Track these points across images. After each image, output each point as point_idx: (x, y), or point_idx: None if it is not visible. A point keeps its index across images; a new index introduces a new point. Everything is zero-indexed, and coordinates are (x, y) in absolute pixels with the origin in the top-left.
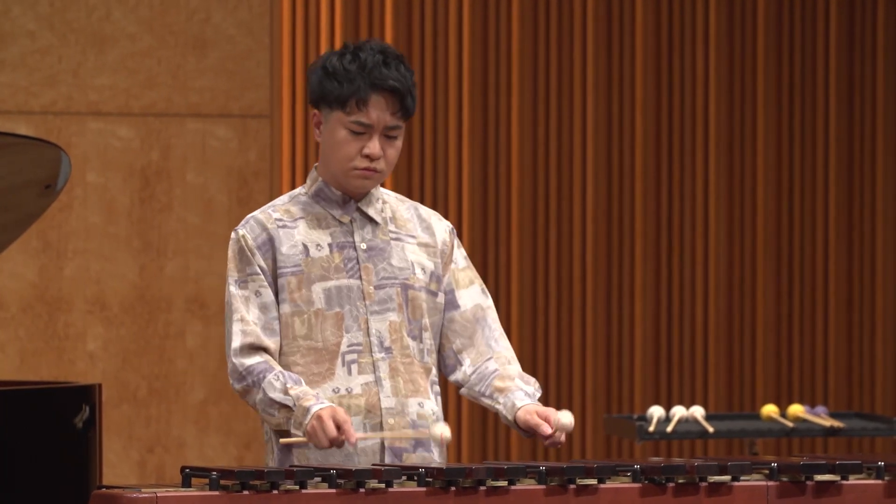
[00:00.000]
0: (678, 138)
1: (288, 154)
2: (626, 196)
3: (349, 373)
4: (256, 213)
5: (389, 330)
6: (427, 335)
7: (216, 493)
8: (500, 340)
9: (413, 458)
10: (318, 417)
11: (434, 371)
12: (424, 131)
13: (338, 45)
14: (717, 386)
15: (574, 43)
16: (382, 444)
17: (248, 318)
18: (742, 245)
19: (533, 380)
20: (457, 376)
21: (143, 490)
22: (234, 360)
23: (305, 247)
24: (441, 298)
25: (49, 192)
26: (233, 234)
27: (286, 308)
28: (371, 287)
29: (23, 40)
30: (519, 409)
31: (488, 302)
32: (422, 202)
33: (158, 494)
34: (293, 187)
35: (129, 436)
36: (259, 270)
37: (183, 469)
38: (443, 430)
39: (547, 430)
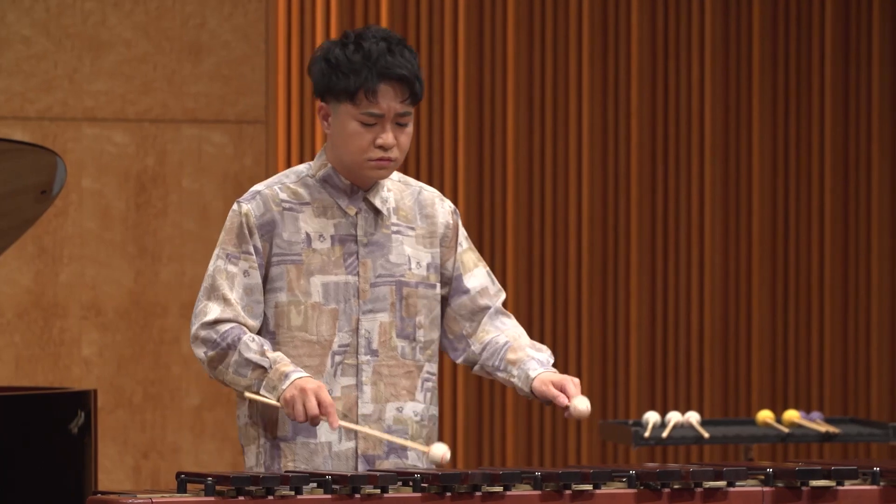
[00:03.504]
0: (673, 144)
1: (283, 159)
2: (622, 202)
3: (335, 374)
4: (262, 187)
5: (379, 331)
6: (421, 332)
7: (211, 498)
8: (506, 320)
9: (386, 465)
10: (302, 389)
11: (429, 366)
12: (420, 135)
13: None
14: (712, 391)
15: (570, 48)
16: (356, 451)
17: (230, 298)
18: (737, 251)
19: (545, 347)
20: (467, 356)
21: (138, 496)
22: (205, 330)
23: (308, 236)
24: (439, 290)
25: (45, 197)
26: (235, 207)
27: (283, 297)
28: (367, 284)
29: (18, 46)
30: (534, 379)
31: (495, 287)
32: None
33: (154, 500)
34: None
35: (124, 441)
36: (253, 251)
37: (178, 475)
38: (444, 453)
39: (564, 401)
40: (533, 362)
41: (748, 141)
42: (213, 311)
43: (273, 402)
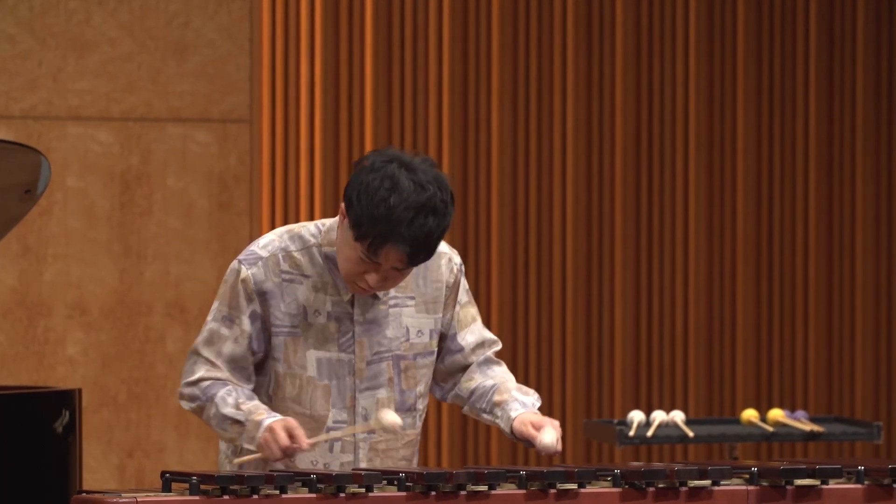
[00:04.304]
0: (658, 143)
1: (268, 158)
2: (606, 200)
3: (331, 449)
4: (265, 253)
5: (376, 407)
6: (421, 401)
7: (196, 497)
8: (496, 368)
9: None
10: (270, 429)
11: (419, 424)
12: (403, 135)
13: (317, 50)
14: (697, 390)
15: (554, 47)
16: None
17: (216, 362)
18: (722, 250)
19: (532, 391)
20: (453, 397)
21: (123, 495)
22: (188, 388)
23: (305, 310)
24: (435, 353)
25: (29, 196)
26: (236, 267)
27: (280, 368)
28: (363, 363)
29: (2, 45)
30: (514, 419)
31: (490, 339)
32: None
33: (138, 499)
34: (273, 192)
35: (108, 440)
36: (249, 318)
37: (163, 474)
38: (393, 419)
39: (541, 442)
40: (516, 403)
41: (732, 140)
42: (199, 370)
43: (258, 454)
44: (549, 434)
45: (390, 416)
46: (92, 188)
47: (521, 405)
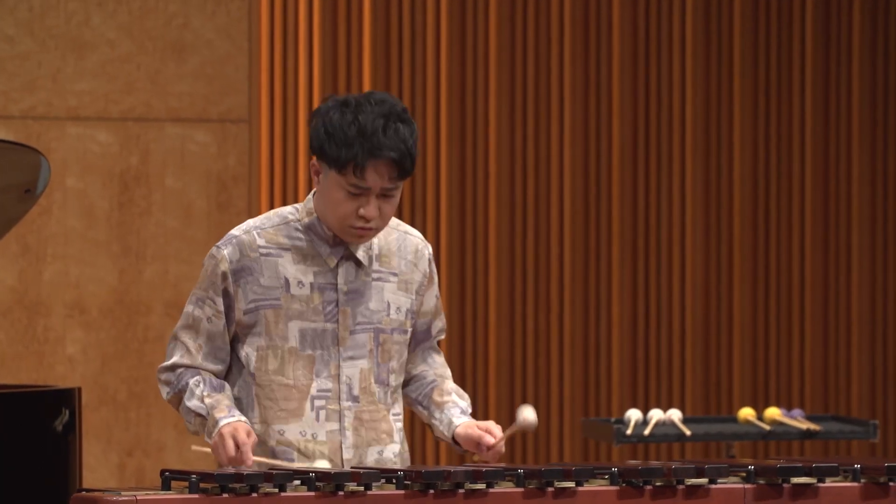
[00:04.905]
0: (655, 143)
1: (266, 158)
2: (604, 200)
3: (317, 418)
4: (240, 232)
5: (360, 378)
6: (392, 377)
7: (195, 496)
8: (437, 357)
9: None
10: (220, 435)
11: (396, 408)
12: None
13: (316, 50)
14: (693, 389)
15: (552, 48)
16: None
17: (190, 345)
18: (719, 250)
19: (466, 395)
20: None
21: (122, 493)
22: (164, 373)
23: (287, 282)
24: (409, 333)
25: (29, 196)
26: (213, 250)
27: (262, 341)
28: (346, 332)
29: (2, 45)
30: (457, 426)
31: (440, 324)
32: (399, 208)
33: (138, 497)
34: (272, 192)
35: (108, 439)
36: (222, 296)
37: (162, 472)
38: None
39: (490, 440)
40: (456, 409)
41: (729, 140)
42: (175, 355)
43: (209, 450)
44: (529, 411)
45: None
46: (91, 188)
47: (461, 412)
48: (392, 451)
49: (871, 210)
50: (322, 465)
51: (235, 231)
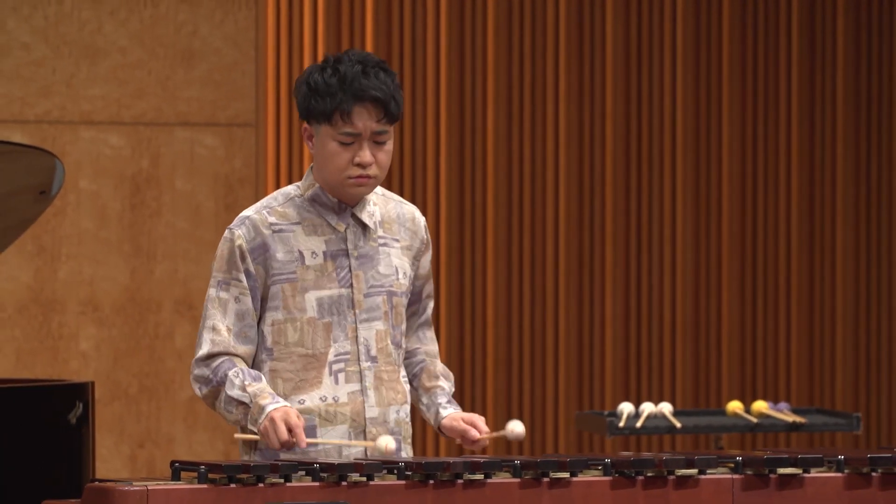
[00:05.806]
0: (647, 146)
1: (273, 161)
2: (597, 201)
3: (336, 381)
4: (251, 212)
5: (376, 339)
6: (403, 340)
7: (204, 486)
8: (428, 333)
9: None
10: (271, 419)
11: (402, 370)
12: (403, 139)
13: (321, 57)
14: (684, 383)
15: (547, 55)
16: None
17: (220, 327)
18: (708, 249)
19: (451, 375)
20: None
21: (134, 483)
22: (197, 370)
23: (301, 254)
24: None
25: (43, 197)
26: (227, 233)
27: (279, 315)
28: (361, 295)
29: (18, 52)
30: (444, 417)
31: (429, 288)
32: None
33: (149, 487)
34: None
35: (120, 432)
36: (245, 276)
37: (172, 463)
38: (387, 443)
39: (474, 434)
40: (444, 397)
41: (718, 142)
42: (205, 344)
43: (257, 437)
44: (519, 424)
45: (385, 441)
46: (104, 190)
47: (448, 402)
48: (405, 412)
49: (855, 210)
50: (385, 441)
51: (246, 212)
